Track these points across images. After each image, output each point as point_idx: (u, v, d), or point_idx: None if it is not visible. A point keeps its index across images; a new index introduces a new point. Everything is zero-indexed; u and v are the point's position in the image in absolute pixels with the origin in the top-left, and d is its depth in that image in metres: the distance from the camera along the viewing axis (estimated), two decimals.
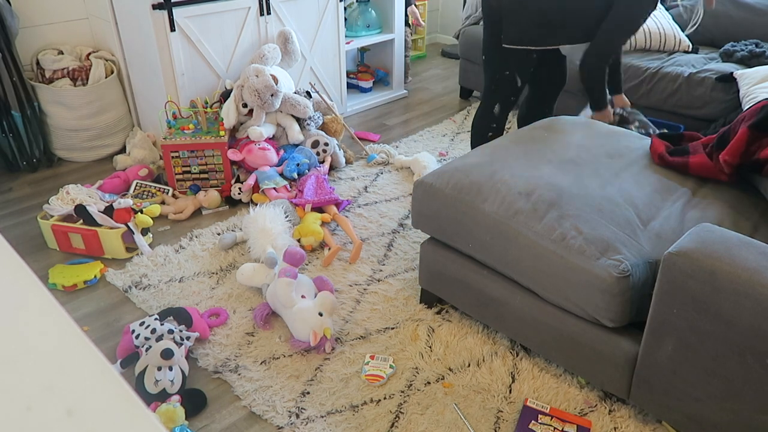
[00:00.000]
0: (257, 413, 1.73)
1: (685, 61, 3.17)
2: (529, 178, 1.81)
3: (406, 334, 2.02)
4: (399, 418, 1.72)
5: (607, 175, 1.88)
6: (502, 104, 2.61)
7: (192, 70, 2.94)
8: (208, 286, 2.25)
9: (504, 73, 2.54)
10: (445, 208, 1.87)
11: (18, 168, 3.03)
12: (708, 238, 1.39)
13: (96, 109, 3.06)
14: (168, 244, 2.48)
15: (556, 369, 1.89)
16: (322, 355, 1.93)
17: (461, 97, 4.11)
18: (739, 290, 1.29)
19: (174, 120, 2.84)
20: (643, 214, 1.74)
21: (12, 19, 2.82)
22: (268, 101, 2.82)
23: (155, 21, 2.74)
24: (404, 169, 3.13)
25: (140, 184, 2.79)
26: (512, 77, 2.53)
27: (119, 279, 2.28)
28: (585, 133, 2.17)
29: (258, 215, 2.40)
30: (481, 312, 1.93)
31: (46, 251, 2.45)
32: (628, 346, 1.58)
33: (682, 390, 1.49)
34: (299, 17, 3.29)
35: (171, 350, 1.75)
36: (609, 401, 1.77)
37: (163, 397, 1.71)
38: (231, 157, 2.77)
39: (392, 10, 3.82)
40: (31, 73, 3.04)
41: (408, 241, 2.53)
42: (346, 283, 2.27)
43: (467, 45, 3.85)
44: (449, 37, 5.32)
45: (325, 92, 3.56)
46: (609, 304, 1.54)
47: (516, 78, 2.53)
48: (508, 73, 2.53)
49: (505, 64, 2.52)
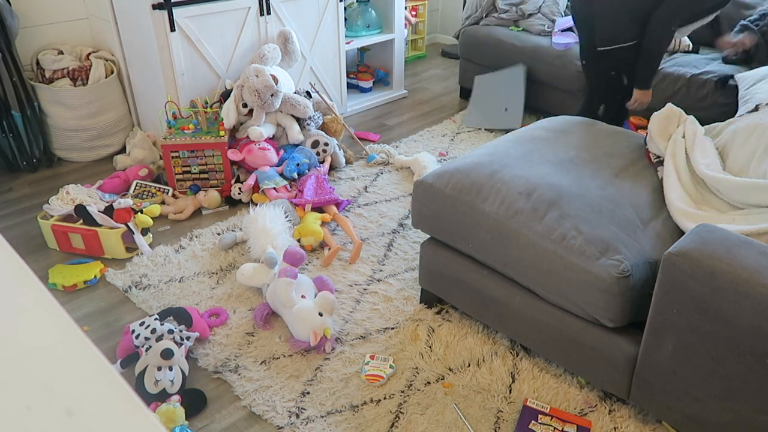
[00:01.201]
0: (257, 413, 1.73)
1: (686, 61, 3.16)
2: (529, 178, 1.81)
3: (406, 334, 2.02)
4: (399, 418, 1.72)
5: (607, 175, 1.88)
6: (608, 105, 2.74)
7: (192, 70, 2.94)
8: (208, 286, 2.25)
9: (610, 74, 2.64)
10: (445, 208, 1.87)
11: (18, 168, 3.03)
12: (708, 238, 1.39)
13: (96, 109, 3.06)
14: (168, 244, 2.48)
15: (556, 369, 1.89)
16: (322, 355, 1.93)
17: (461, 97, 4.11)
18: (739, 290, 1.29)
19: (174, 120, 2.84)
20: (643, 214, 1.74)
21: (12, 19, 2.82)
22: (268, 101, 2.82)
23: (155, 21, 2.74)
24: (404, 169, 3.13)
25: (140, 184, 2.79)
26: (618, 77, 2.63)
27: (119, 279, 2.28)
28: (585, 133, 2.17)
29: (258, 215, 2.40)
30: (481, 312, 1.93)
31: (46, 251, 2.45)
32: (628, 346, 1.58)
33: (682, 390, 1.49)
34: (299, 17, 3.29)
35: (171, 350, 1.75)
36: (609, 401, 1.77)
37: (163, 397, 1.71)
38: (231, 157, 2.77)
39: (392, 10, 3.82)
40: (31, 73, 3.04)
41: (408, 241, 2.53)
42: (346, 283, 2.27)
43: (467, 45, 3.85)
44: (449, 37, 5.32)
45: (325, 92, 3.56)
46: (609, 304, 1.54)
47: (622, 77, 2.62)
48: (614, 73, 2.63)
49: (610, 65, 2.62)
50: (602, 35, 2.55)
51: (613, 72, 2.62)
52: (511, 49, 3.60)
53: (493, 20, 3.86)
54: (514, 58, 3.60)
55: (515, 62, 3.59)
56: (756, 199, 1.66)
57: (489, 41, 3.73)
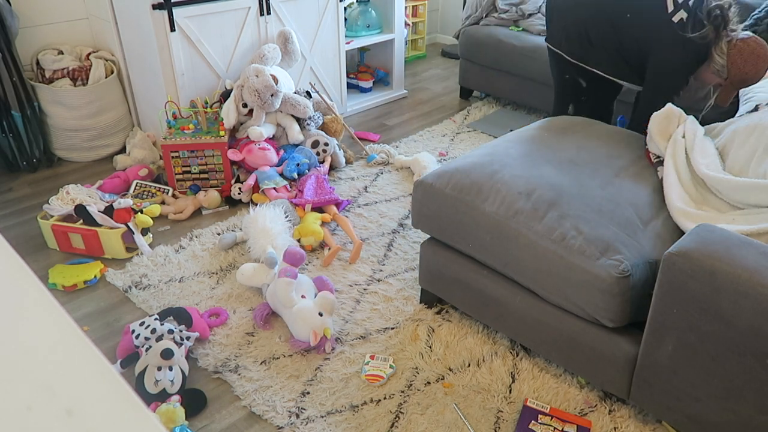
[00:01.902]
0: (257, 413, 1.73)
1: None
2: (529, 178, 1.81)
3: (406, 334, 2.02)
4: (399, 418, 1.72)
5: (607, 175, 1.88)
6: (575, 105, 2.67)
7: (192, 70, 2.94)
8: (208, 286, 2.25)
9: (565, 77, 2.61)
10: (445, 208, 1.87)
11: (18, 168, 3.03)
12: (708, 238, 1.39)
13: (96, 109, 3.06)
14: (168, 244, 2.48)
15: (556, 369, 1.89)
16: (322, 355, 1.93)
17: (461, 97, 4.11)
18: (739, 290, 1.29)
19: (174, 120, 2.84)
20: (643, 214, 1.74)
21: (12, 19, 2.82)
22: (268, 101, 2.82)
23: (155, 21, 2.74)
24: (404, 169, 3.13)
25: (140, 184, 2.79)
26: (574, 80, 2.58)
27: (119, 279, 2.28)
28: (585, 133, 2.17)
29: (258, 215, 2.40)
30: (481, 312, 1.93)
31: (46, 251, 2.45)
32: (628, 346, 1.58)
33: (682, 390, 1.49)
34: (299, 17, 3.29)
35: (171, 350, 1.75)
36: (609, 401, 1.77)
37: (163, 397, 1.71)
38: (231, 157, 2.77)
39: (392, 10, 3.82)
40: (31, 73, 3.04)
41: (408, 241, 2.53)
42: (346, 283, 2.27)
43: (467, 45, 3.85)
44: (449, 37, 5.32)
45: (325, 92, 3.56)
46: (609, 304, 1.54)
47: (579, 80, 2.58)
48: (568, 77, 2.59)
49: (568, 70, 2.58)
50: (573, 47, 2.47)
51: (567, 76, 2.57)
52: (511, 49, 3.60)
53: (493, 20, 3.86)
54: (514, 58, 3.60)
55: (515, 62, 3.59)
56: (756, 199, 1.66)
57: (489, 41, 3.73)
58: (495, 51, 3.70)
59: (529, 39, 3.60)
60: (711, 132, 2.02)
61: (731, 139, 1.89)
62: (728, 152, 1.88)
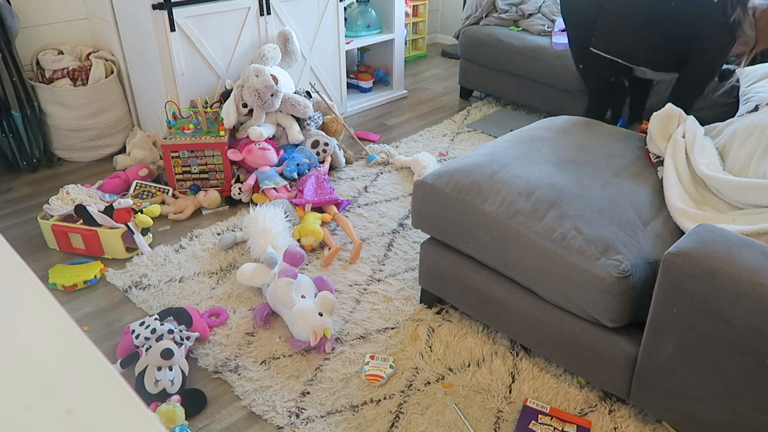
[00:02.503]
0: (257, 413, 1.73)
1: None
2: (529, 178, 1.81)
3: (406, 334, 2.02)
4: (399, 418, 1.72)
5: (607, 175, 1.88)
6: (614, 109, 2.77)
7: (192, 70, 2.94)
8: (208, 286, 2.25)
9: (610, 80, 2.67)
10: (445, 208, 1.87)
11: (18, 168, 3.03)
12: (708, 238, 1.39)
13: (96, 109, 3.06)
14: (168, 244, 2.48)
15: (556, 369, 1.89)
16: (322, 355, 1.93)
17: (461, 97, 4.11)
18: (739, 290, 1.29)
19: (174, 120, 2.84)
20: (643, 214, 1.74)
21: (12, 19, 2.82)
22: (268, 101, 2.82)
23: (155, 21, 2.74)
24: (404, 169, 3.13)
25: (140, 184, 2.79)
26: (619, 82, 2.66)
27: (119, 279, 2.28)
28: (585, 133, 2.17)
29: (258, 215, 2.40)
30: (481, 312, 1.93)
31: (46, 251, 2.45)
32: (628, 346, 1.58)
33: (682, 390, 1.49)
34: (299, 17, 3.29)
35: (171, 350, 1.75)
36: (609, 401, 1.77)
37: (163, 397, 1.71)
38: (231, 157, 2.77)
39: (392, 10, 3.82)
40: (31, 73, 3.04)
41: (408, 241, 2.53)
42: (346, 283, 2.27)
43: (467, 45, 3.85)
44: (449, 37, 5.32)
45: (325, 92, 3.56)
46: (609, 304, 1.54)
47: (623, 80, 2.65)
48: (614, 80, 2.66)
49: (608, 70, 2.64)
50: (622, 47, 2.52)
51: (613, 79, 2.61)
52: (511, 49, 3.60)
53: (493, 20, 3.86)
54: (514, 58, 3.60)
55: (515, 62, 3.59)
56: (756, 199, 1.66)
57: (489, 41, 3.73)
58: (495, 51, 3.70)
59: (529, 39, 3.60)
60: (711, 132, 2.02)
61: (731, 139, 1.89)
62: (728, 152, 1.88)
